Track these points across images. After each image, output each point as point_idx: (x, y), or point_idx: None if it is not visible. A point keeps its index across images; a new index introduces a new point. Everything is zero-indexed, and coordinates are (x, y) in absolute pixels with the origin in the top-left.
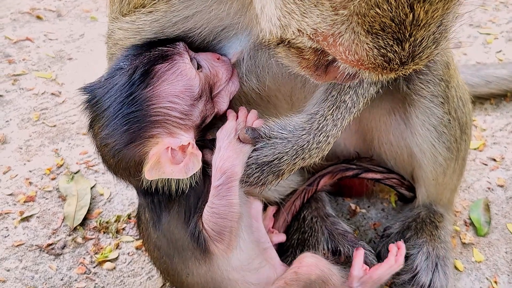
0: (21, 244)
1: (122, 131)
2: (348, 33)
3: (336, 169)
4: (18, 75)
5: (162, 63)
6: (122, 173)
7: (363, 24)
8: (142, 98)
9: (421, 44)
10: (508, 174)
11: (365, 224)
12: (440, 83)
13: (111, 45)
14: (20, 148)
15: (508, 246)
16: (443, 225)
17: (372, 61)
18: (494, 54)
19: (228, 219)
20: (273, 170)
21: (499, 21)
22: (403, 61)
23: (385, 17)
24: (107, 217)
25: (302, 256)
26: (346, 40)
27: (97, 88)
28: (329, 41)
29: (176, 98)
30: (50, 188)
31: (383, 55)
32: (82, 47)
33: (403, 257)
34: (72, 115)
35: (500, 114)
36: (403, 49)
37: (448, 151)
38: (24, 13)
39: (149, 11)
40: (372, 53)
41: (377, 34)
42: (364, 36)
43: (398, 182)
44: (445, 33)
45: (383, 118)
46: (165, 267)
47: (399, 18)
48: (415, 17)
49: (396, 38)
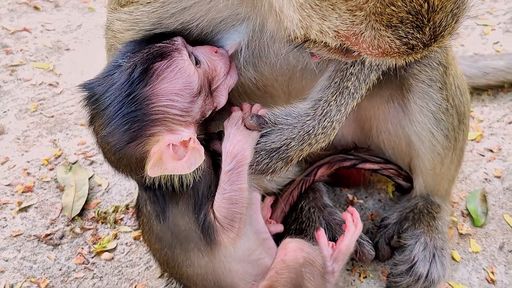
0: (19, 234)
1: (123, 130)
2: (369, 30)
3: (333, 159)
4: (15, 66)
5: (161, 60)
6: (123, 169)
7: (381, 21)
8: (141, 97)
9: (441, 24)
10: (505, 165)
11: (363, 214)
12: (438, 68)
13: (110, 36)
14: (18, 139)
15: (505, 236)
16: (441, 215)
17: (396, 51)
18: (491, 45)
19: (239, 204)
20: (282, 156)
21: (497, 12)
22: (427, 43)
23: (402, 12)
24: (105, 207)
25: (285, 243)
26: (367, 37)
27: (97, 85)
28: (352, 40)
29: (175, 96)
30: (48, 179)
31: (406, 44)
32: (79, 37)
33: (359, 220)
34: (70, 105)
35: (497, 105)
36: (424, 34)
37: (446, 139)
38: (22, 3)
39: (147, 2)
40: (395, 44)
41: (396, 27)
42: (384, 31)
43: (395, 173)
44: (463, 6)
45: (382, 106)
46: (165, 259)
47: (415, 9)
48: (430, 5)
49: (416, 26)
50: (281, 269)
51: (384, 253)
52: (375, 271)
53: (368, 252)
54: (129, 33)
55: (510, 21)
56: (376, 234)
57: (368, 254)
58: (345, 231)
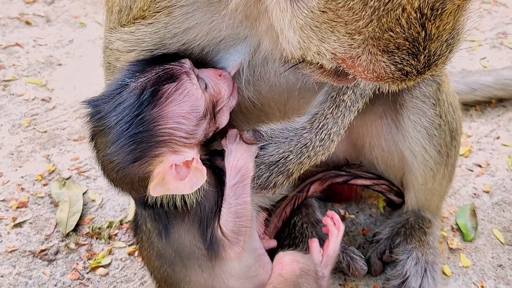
0: (14, 250)
1: (129, 150)
2: (365, 54)
3: (325, 175)
4: (8, 81)
5: (170, 83)
6: (124, 187)
7: (379, 45)
8: (149, 118)
9: (436, 53)
10: (493, 180)
11: (354, 229)
12: (432, 84)
13: (109, 54)
14: (11, 154)
15: (494, 251)
16: (432, 231)
17: (391, 76)
18: (478, 61)
19: (244, 218)
20: (281, 170)
21: (483, 27)
22: (420, 70)
23: (399, 38)
24: (99, 223)
25: (279, 257)
26: (364, 61)
27: (102, 103)
28: (348, 63)
29: (182, 119)
30: (42, 194)
31: (400, 70)
32: (71, 52)
33: (340, 221)
34: (63, 121)
35: (485, 121)
36: (419, 61)
37: (439, 155)
38: (13, 18)
39: (150, 23)
40: (389, 69)
41: (392, 53)
42: (381, 56)
43: (387, 188)
44: (457, 36)
45: (375, 122)
46: (164, 276)
47: (412, 36)
48: (427, 33)
49: (411, 53)
50: (280, 283)
51: (377, 268)
52: (367, 286)
53: (360, 267)
54: (131, 54)
55: (496, 37)
56: (368, 249)
57: (360, 269)
58: (329, 235)
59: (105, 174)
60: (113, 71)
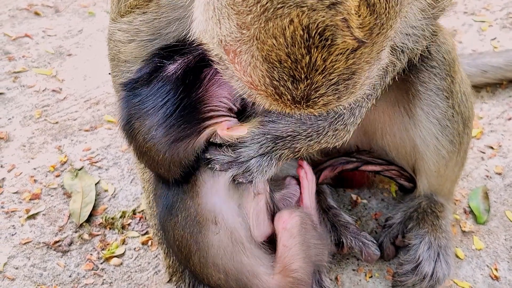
0: (28, 241)
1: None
2: (248, 54)
3: (336, 162)
4: (18, 72)
5: (211, 66)
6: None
7: (262, 50)
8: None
9: (318, 90)
10: (506, 162)
11: (367, 214)
12: (446, 78)
13: (112, 46)
14: (23, 146)
15: (507, 233)
16: (444, 215)
17: (264, 89)
18: (489, 42)
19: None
20: (288, 145)
21: (493, 8)
22: (296, 100)
23: (281, 50)
24: (112, 213)
25: (279, 216)
26: (244, 60)
27: (140, 85)
28: (230, 56)
29: (224, 98)
30: (55, 185)
31: (275, 87)
32: (81, 42)
33: (310, 171)
34: (74, 111)
35: (496, 102)
36: (296, 89)
37: (451, 145)
38: (22, 10)
39: (144, 12)
40: (264, 81)
41: (273, 65)
42: (261, 63)
43: (397, 174)
44: (352, 89)
45: (387, 110)
46: (187, 244)
47: (295, 56)
48: (311, 61)
49: (292, 75)
50: (288, 238)
51: (389, 252)
52: (381, 271)
53: (373, 253)
54: (131, 45)
55: (506, 17)
56: (380, 234)
57: (373, 255)
58: (301, 186)
59: (145, 157)
60: (118, 64)
